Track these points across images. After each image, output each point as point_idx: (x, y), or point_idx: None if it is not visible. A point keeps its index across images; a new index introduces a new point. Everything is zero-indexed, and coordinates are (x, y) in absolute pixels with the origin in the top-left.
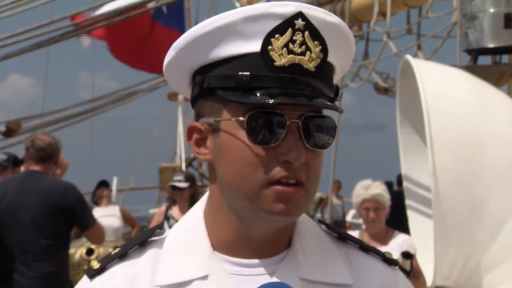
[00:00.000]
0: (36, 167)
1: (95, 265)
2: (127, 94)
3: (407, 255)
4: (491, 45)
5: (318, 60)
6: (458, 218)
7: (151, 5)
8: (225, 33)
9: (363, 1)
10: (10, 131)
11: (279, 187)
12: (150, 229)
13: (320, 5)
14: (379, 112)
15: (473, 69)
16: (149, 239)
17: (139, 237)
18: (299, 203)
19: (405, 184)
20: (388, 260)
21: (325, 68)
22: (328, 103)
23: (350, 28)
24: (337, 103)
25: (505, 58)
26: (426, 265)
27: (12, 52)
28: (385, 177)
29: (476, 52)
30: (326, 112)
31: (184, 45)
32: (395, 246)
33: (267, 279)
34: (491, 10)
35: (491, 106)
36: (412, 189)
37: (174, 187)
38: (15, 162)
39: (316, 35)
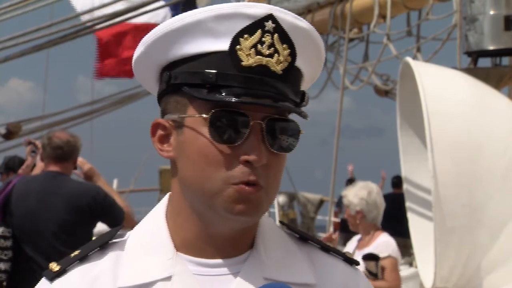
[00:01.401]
0: (54, 168)
1: (55, 267)
2: (126, 96)
3: (368, 257)
4: (491, 47)
5: (286, 64)
6: (458, 220)
7: (157, 4)
8: (195, 30)
9: (364, 3)
10: (10, 133)
11: (239, 187)
12: (111, 231)
13: (320, 7)
14: (378, 116)
15: (473, 71)
16: (110, 241)
17: (100, 240)
18: (258, 204)
19: (405, 186)
20: (349, 260)
21: (292, 72)
22: (292, 106)
23: (350, 30)
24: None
25: (505, 60)
26: (426, 267)
27: (12, 54)
28: (386, 181)
29: (476, 54)
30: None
31: (153, 40)
32: (371, 248)
33: (231, 279)
34: (491, 12)
35: (491, 108)
36: (412, 191)
37: None
38: (7, 167)
39: (285, 38)
